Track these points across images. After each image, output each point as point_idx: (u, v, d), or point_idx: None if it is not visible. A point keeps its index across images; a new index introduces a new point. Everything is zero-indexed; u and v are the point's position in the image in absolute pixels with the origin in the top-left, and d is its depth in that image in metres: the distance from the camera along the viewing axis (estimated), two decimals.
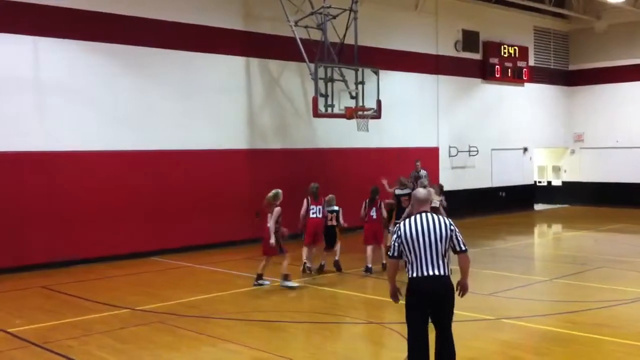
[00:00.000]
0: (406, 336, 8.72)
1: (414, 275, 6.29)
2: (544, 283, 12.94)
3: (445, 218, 6.49)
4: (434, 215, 6.41)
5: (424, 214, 6.42)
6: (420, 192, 6.66)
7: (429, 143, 23.18)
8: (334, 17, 17.94)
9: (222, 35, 17.67)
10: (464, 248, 6.42)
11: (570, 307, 10.52)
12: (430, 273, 6.23)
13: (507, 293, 11.65)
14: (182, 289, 12.28)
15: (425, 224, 6.31)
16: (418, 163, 19.96)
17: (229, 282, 13.09)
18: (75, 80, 15.20)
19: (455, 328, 9.64)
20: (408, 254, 6.31)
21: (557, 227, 23.48)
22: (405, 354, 8.05)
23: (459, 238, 6.39)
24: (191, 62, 17.07)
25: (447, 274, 6.29)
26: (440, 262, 6.26)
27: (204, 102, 17.32)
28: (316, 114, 17.19)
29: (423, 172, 19.96)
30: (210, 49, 17.40)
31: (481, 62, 24.88)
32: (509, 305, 11.02)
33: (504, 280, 13.00)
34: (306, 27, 17.99)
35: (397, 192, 14.60)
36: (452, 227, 6.38)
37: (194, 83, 17.14)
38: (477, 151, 24.55)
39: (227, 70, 17.81)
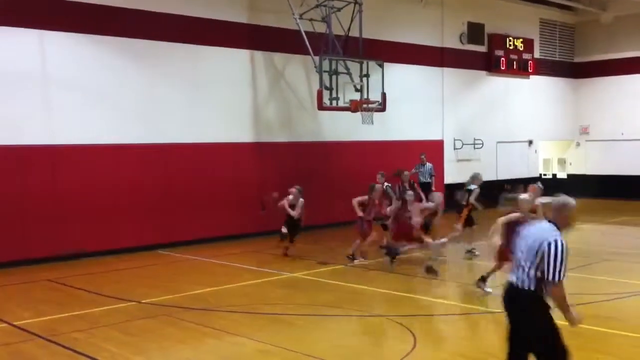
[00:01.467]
0: (412, 329, 8.77)
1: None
2: None
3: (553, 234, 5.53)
4: (545, 224, 5.63)
5: (539, 222, 5.83)
6: (565, 200, 5.66)
7: (434, 136, 23.15)
8: (339, 10, 17.90)
9: (227, 28, 17.62)
10: (554, 279, 5.37)
11: (575, 300, 10.48)
12: (510, 279, 5.73)
13: None
14: (188, 282, 12.30)
15: (530, 229, 5.73)
16: (423, 156, 19.94)
17: (236, 275, 13.09)
18: (81, 73, 15.18)
19: (460, 321, 9.69)
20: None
21: None
22: (411, 345, 8.10)
23: (551, 264, 5.37)
24: (196, 55, 17.02)
25: (525, 286, 5.54)
26: (521, 269, 5.57)
27: (209, 96, 17.29)
28: (321, 107, 17.17)
29: (428, 165, 19.95)
30: (215, 42, 17.35)
31: (486, 54, 24.80)
32: None
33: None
34: (311, 20, 17.95)
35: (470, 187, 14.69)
36: (549, 244, 5.40)
37: (200, 76, 17.11)
38: (482, 144, 24.49)
39: (232, 63, 17.76)
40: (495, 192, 14.54)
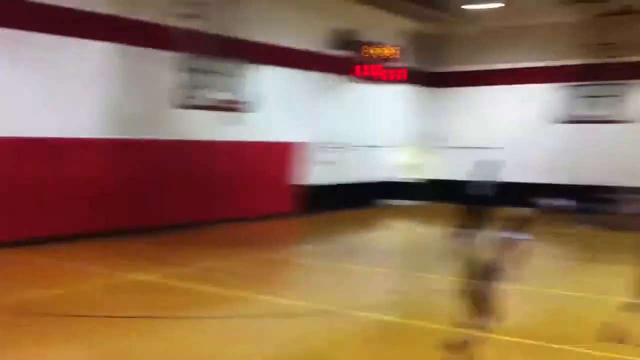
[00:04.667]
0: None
1: None
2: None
3: None
4: None
5: None
6: None
7: (299, 138, 23.44)
8: (209, 6, 17.67)
9: (87, 18, 16.93)
10: None
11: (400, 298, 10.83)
12: None
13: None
14: (23, 286, 11.57)
15: None
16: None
17: (80, 277, 12.62)
18: None
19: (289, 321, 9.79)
20: None
21: (413, 223, 24.39)
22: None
23: None
24: (54, 45, 16.33)
25: None
26: None
27: (60, 88, 16.47)
28: (184, 105, 16.92)
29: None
30: (74, 32, 16.67)
31: (350, 60, 25.25)
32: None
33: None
34: (178, 15, 17.56)
35: None
36: None
37: (53, 68, 16.37)
38: (344, 147, 25.13)
39: (90, 55, 17.08)
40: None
